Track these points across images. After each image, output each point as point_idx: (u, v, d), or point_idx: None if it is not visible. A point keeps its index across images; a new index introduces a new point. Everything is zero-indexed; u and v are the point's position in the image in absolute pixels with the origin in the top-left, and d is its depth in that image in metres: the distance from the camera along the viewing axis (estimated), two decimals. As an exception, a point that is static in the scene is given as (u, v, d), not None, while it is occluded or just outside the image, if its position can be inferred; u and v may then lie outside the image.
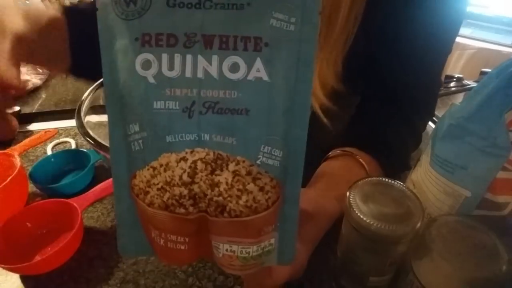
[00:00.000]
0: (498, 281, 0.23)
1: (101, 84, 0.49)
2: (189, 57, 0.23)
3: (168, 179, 0.24)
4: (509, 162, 0.27)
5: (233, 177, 0.24)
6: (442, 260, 0.25)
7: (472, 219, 0.27)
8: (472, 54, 1.52)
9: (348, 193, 0.28)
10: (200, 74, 0.23)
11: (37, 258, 0.42)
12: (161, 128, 0.24)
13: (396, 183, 0.29)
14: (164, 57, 0.23)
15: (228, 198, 0.24)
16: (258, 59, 0.23)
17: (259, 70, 0.23)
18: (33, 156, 0.60)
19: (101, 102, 0.49)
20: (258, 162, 0.24)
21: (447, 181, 0.30)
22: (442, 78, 0.84)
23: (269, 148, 0.24)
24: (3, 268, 0.38)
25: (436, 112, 0.71)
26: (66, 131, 0.67)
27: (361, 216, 0.26)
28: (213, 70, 0.23)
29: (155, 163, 0.24)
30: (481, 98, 0.28)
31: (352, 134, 0.47)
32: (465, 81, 0.81)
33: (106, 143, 0.39)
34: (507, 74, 0.26)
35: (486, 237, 0.26)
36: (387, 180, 0.30)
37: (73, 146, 0.63)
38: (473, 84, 0.81)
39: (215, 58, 0.23)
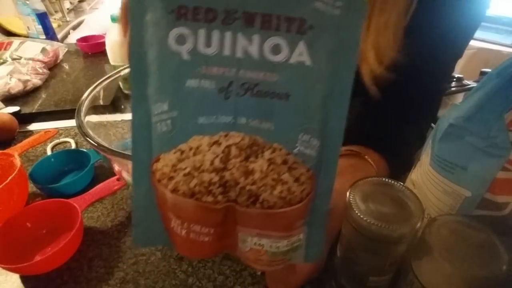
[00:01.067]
0: (498, 281, 0.23)
1: (100, 83, 0.49)
2: (228, 35, 0.21)
3: (197, 164, 0.22)
4: (509, 162, 0.27)
5: (268, 166, 0.22)
6: (442, 260, 0.25)
7: (472, 219, 0.27)
8: (472, 54, 1.51)
9: (348, 193, 0.28)
10: (239, 54, 0.21)
11: (37, 258, 0.42)
12: (194, 108, 0.22)
13: (396, 183, 0.29)
14: (201, 33, 0.21)
15: (262, 188, 0.22)
16: (302, 42, 0.22)
17: (302, 54, 0.22)
18: (33, 156, 0.60)
19: (101, 102, 0.49)
20: (295, 151, 0.22)
21: (447, 181, 0.30)
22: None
23: (308, 136, 0.23)
24: (3, 268, 0.38)
25: (436, 112, 0.71)
26: (66, 131, 0.67)
27: (361, 216, 0.26)
28: (254, 50, 0.21)
29: (183, 146, 0.22)
30: (481, 98, 0.27)
31: (358, 131, 0.47)
32: (465, 81, 0.81)
33: (105, 143, 0.39)
34: (507, 74, 0.26)
35: (486, 237, 0.26)
36: (387, 180, 0.30)
37: (73, 146, 0.63)
38: (473, 84, 0.81)
39: (256, 38, 0.21)
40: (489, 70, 0.29)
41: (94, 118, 0.46)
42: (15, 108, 0.73)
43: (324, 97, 0.23)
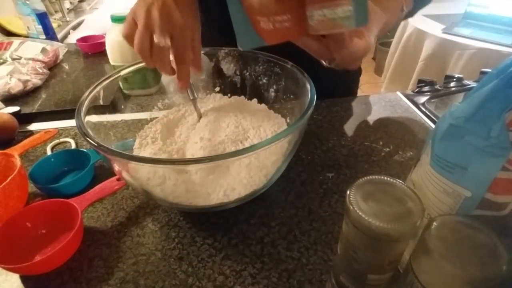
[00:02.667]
0: (498, 281, 0.23)
1: (100, 83, 0.49)
2: None
3: None
4: (509, 162, 0.27)
5: None
6: (442, 260, 0.25)
7: (472, 219, 0.27)
8: (472, 54, 1.51)
9: (348, 192, 0.29)
10: None
11: (37, 258, 0.42)
12: None
13: (397, 182, 0.29)
14: None
15: None
16: None
17: None
18: (33, 156, 0.60)
19: (101, 102, 0.49)
20: None
21: (447, 181, 0.30)
22: (442, 77, 0.84)
23: None
24: (3, 268, 0.38)
25: (436, 112, 0.71)
26: (66, 131, 0.67)
27: (361, 214, 0.26)
28: None
29: None
30: (481, 98, 0.27)
31: None
32: (465, 81, 0.81)
33: (106, 143, 0.39)
34: (507, 74, 0.26)
35: (486, 237, 0.26)
36: (388, 179, 0.30)
37: (73, 146, 0.63)
38: (473, 84, 0.81)
39: None
40: (489, 70, 0.29)
41: (94, 118, 0.46)
42: (15, 108, 0.73)
43: None
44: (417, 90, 0.80)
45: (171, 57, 0.46)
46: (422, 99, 0.76)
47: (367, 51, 0.41)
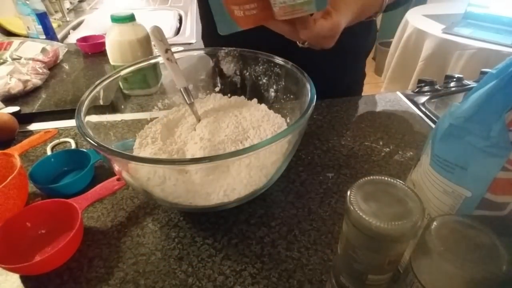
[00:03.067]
0: (498, 281, 0.23)
1: (100, 83, 0.49)
2: None
3: None
4: (509, 162, 0.27)
5: None
6: (442, 260, 0.25)
7: (472, 219, 0.27)
8: (472, 54, 1.51)
9: (349, 192, 0.29)
10: None
11: (37, 258, 0.42)
12: None
13: (397, 182, 0.29)
14: None
15: None
16: None
17: None
18: (33, 156, 0.60)
19: (101, 102, 0.49)
20: None
21: (447, 181, 0.30)
22: (442, 77, 0.84)
23: None
24: (3, 268, 0.38)
25: (436, 112, 0.71)
26: (66, 131, 0.67)
27: (361, 214, 0.26)
28: None
29: None
30: (481, 98, 0.27)
31: None
32: (465, 81, 0.81)
33: (105, 143, 0.39)
34: (507, 74, 0.26)
35: (486, 237, 0.26)
36: (389, 179, 0.30)
37: (73, 146, 0.63)
38: (473, 84, 0.81)
39: None
40: (489, 70, 0.29)
41: (94, 118, 0.46)
42: (15, 108, 0.73)
43: None
44: (417, 90, 0.80)
45: None
46: (422, 99, 0.76)
47: (335, 32, 0.43)
